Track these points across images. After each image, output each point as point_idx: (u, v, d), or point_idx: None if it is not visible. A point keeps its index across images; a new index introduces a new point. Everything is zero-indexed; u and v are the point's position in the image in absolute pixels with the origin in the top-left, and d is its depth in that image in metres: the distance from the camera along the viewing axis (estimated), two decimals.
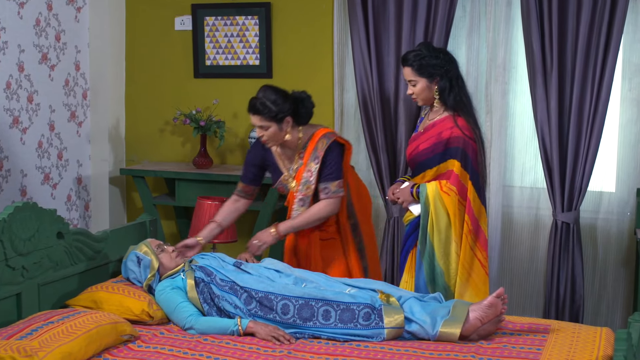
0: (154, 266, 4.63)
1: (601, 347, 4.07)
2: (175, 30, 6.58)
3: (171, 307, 4.43)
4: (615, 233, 5.74)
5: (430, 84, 4.83)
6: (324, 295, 4.29)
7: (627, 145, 5.68)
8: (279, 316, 4.26)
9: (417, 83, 4.84)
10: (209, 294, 4.43)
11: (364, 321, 4.19)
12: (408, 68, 4.85)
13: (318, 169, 4.87)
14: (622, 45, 5.51)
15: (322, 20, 6.20)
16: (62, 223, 4.60)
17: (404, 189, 4.89)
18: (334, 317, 4.22)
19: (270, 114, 4.77)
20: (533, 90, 5.59)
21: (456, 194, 4.73)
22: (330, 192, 4.88)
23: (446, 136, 4.78)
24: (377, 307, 4.21)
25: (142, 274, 4.66)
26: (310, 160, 4.88)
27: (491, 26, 5.74)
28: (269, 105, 4.78)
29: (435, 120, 4.87)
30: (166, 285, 4.53)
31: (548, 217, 5.76)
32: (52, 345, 3.70)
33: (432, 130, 4.85)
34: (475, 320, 4.18)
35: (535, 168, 5.83)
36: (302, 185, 4.90)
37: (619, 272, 5.74)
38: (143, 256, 4.68)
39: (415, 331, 4.19)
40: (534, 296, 5.88)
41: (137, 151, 6.75)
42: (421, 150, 4.86)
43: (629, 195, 5.68)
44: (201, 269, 4.54)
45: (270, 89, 4.88)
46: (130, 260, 4.71)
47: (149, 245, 4.74)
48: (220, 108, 6.41)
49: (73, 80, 6.26)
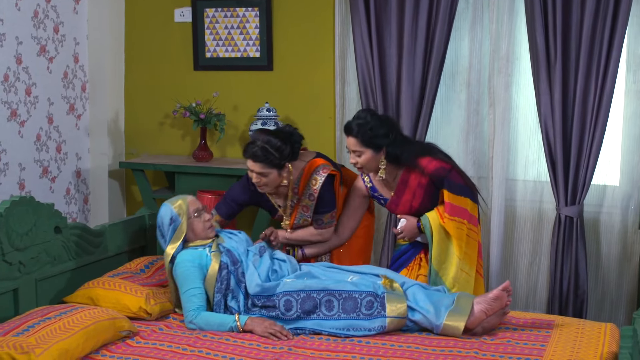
0: (181, 232, 4.51)
1: (606, 343, 4.04)
2: (175, 21, 6.55)
3: (182, 288, 4.36)
4: (619, 227, 5.69)
5: (377, 155, 4.74)
6: (325, 286, 4.27)
7: (631, 138, 5.63)
8: (282, 313, 4.23)
9: (362, 154, 4.73)
10: (226, 285, 4.37)
11: (367, 310, 4.16)
12: (352, 139, 4.72)
13: (314, 206, 4.91)
14: (627, 37, 5.46)
15: (324, 12, 6.17)
16: (60, 217, 4.57)
17: (408, 226, 4.83)
18: (337, 307, 4.20)
19: (273, 161, 4.70)
20: (536, 82, 5.55)
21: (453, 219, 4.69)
22: (322, 223, 4.98)
23: (425, 181, 4.76)
24: (380, 295, 4.19)
25: (167, 234, 4.55)
26: (304, 196, 4.90)
27: (494, 18, 5.69)
28: (272, 153, 4.67)
29: (401, 177, 4.83)
30: (188, 258, 4.43)
31: (551, 210, 5.71)
32: (49, 342, 3.67)
33: (408, 188, 4.82)
34: (480, 312, 4.16)
35: (539, 161, 5.79)
36: (297, 219, 4.95)
37: (622, 266, 5.70)
38: (176, 217, 4.53)
39: (418, 320, 4.18)
40: (537, 291, 5.85)
41: (137, 144, 6.73)
42: (420, 207, 4.83)
43: (632, 188, 5.63)
44: (228, 253, 4.46)
45: (270, 134, 4.78)
46: (163, 216, 4.57)
47: (187, 206, 4.57)
48: (221, 101, 6.38)
49: (72, 72, 6.24)
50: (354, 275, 4.41)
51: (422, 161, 4.74)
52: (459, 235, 4.69)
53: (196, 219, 4.53)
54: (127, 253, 5.18)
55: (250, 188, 4.94)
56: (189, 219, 4.51)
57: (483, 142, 5.82)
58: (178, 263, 4.41)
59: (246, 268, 4.42)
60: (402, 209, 4.86)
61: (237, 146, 6.46)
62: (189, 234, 4.52)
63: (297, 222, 4.95)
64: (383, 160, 4.75)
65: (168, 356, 3.88)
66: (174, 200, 4.58)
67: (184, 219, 4.49)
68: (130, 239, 5.21)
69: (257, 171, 4.69)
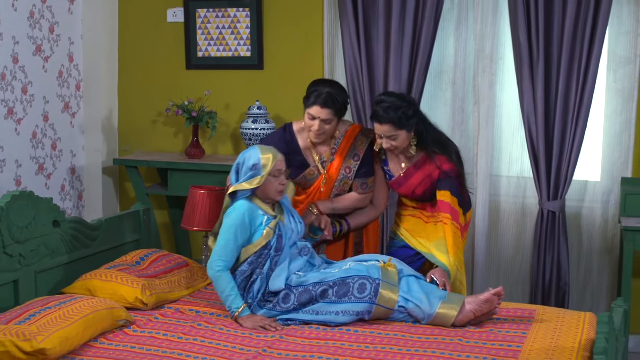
0: (255, 182, 4.46)
1: (585, 331, 4.19)
2: (168, 22, 6.60)
3: (225, 235, 4.39)
4: (600, 221, 5.82)
5: (409, 133, 4.76)
6: (321, 279, 4.38)
7: (611, 135, 5.75)
8: (279, 305, 4.36)
9: (398, 137, 4.73)
10: (258, 264, 4.42)
11: (359, 293, 4.28)
12: (386, 125, 4.70)
13: (357, 167, 4.94)
14: (607, 37, 5.57)
15: (313, 13, 6.24)
16: (58, 211, 4.69)
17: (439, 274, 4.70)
18: (331, 293, 4.31)
19: (338, 109, 4.82)
20: (520, 81, 5.65)
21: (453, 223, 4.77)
22: (367, 187, 4.99)
23: (436, 175, 4.82)
24: (375, 279, 4.29)
25: (242, 175, 4.52)
26: (348, 157, 4.93)
27: (479, 18, 5.80)
28: (338, 100, 4.79)
29: (415, 162, 4.88)
30: (246, 211, 4.42)
31: (534, 205, 5.83)
32: (50, 330, 3.79)
33: (418, 173, 4.88)
34: (469, 312, 4.28)
35: (522, 158, 5.89)
36: (338, 181, 4.95)
37: (603, 259, 5.83)
38: (260, 167, 4.46)
39: (411, 309, 4.29)
40: (520, 283, 5.96)
41: (130, 142, 6.79)
42: (420, 193, 4.90)
43: (613, 184, 5.76)
44: (278, 238, 4.45)
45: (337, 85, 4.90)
46: (248, 158, 4.52)
47: (274, 163, 4.48)
48: (212, 99, 6.45)
49: (66, 71, 6.31)
50: (353, 263, 4.49)
51: (438, 157, 4.81)
52: (455, 240, 4.77)
53: (274, 178, 4.49)
54: (122, 246, 5.28)
55: (286, 138, 4.97)
56: (268, 175, 4.47)
57: (468, 138, 5.93)
58: (236, 208, 4.42)
59: (282, 260, 4.44)
60: (404, 190, 4.93)
61: (228, 143, 6.55)
62: (259, 189, 4.48)
63: (337, 185, 4.94)
64: (414, 137, 4.80)
65: (164, 344, 4.01)
66: (266, 151, 4.51)
67: (265, 173, 4.44)
68: (126, 232, 5.32)
69: (323, 117, 4.76)
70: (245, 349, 3.97)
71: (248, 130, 6.09)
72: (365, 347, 3.97)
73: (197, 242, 6.60)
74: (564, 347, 3.95)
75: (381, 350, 3.93)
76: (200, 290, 4.89)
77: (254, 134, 6.06)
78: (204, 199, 5.49)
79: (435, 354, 3.87)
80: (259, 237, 4.41)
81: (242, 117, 6.34)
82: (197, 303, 4.67)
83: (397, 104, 4.70)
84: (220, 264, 4.34)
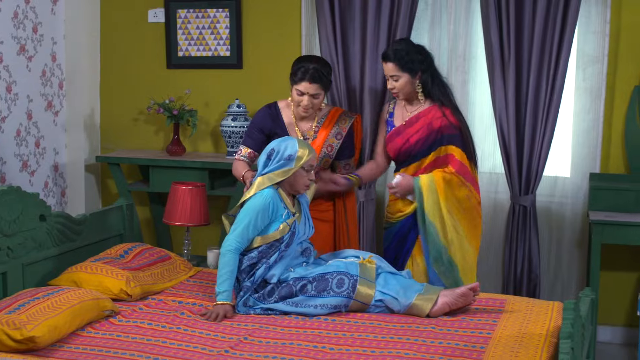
0: (286, 174, 4.56)
1: (553, 318, 4.34)
2: (149, 22, 6.68)
3: (246, 217, 4.49)
4: (570, 215, 5.96)
5: (412, 79, 4.99)
6: (302, 274, 4.53)
7: (581, 133, 5.88)
8: (263, 297, 4.51)
9: (400, 78, 4.97)
10: (266, 254, 4.54)
11: (337, 288, 4.43)
12: (390, 64, 4.96)
13: (339, 147, 5.11)
14: (576, 37, 5.70)
15: (291, 13, 6.34)
16: (45, 206, 4.79)
17: (403, 181, 4.97)
18: (311, 288, 4.46)
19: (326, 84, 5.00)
20: (492, 80, 5.75)
21: (457, 175, 4.94)
22: (350, 168, 5.20)
23: (438, 125, 4.97)
24: (353, 276, 4.44)
25: (274, 162, 4.59)
26: (331, 135, 5.10)
27: (452, 19, 5.92)
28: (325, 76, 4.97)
29: (419, 112, 5.05)
30: (271, 197, 4.52)
31: (506, 200, 5.94)
32: (39, 319, 3.91)
33: (418, 122, 5.03)
34: (444, 304, 4.42)
35: (494, 154, 6.00)
36: (319, 159, 5.07)
37: (572, 252, 5.97)
38: (294, 159, 4.55)
39: (388, 301, 4.44)
40: (493, 275, 6.07)
41: (112, 140, 6.85)
42: (413, 142, 5.03)
43: (582, 179, 5.89)
44: (291, 235, 4.57)
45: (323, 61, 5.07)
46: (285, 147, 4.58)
47: (307, 159, 4.58)
48: (193, 97, 6.53)
49: (50, 70, 6.40)
50: (333, 260, 4.67)
51: (445, 108, 5.00)
52: (461, 197, 4.96)
53: (305, 172, 4.59)
54: (106, 240, 5.38)
55: (272, 113, 5.14)
56: (301, 168, 4.56)
57: None
58: (263, 194, 4.52)
59: (287, 255, 4.58)
60: (399, 140, 5.07)
61: (208, 141, 6.64)
62: (287, 180, 4.58)
63: (318, 164, 5.04)
64: (419, 84, 4.99)
65: (149, 332, 4.15)
66: (304, 146, 4.59)
67: (297, 166, 4.54)
68: (109, 227, 5.43)
69: (312, 92, 4.92)
70: (227, 337, 4.11)
71: (228, 128, 6.21)
72: (342, 335, 4.12)
73: (178, 237, 6.71)
74: (533, 334, 4.11)
75: (357, 338, 4.08)
76: (182, 282, 5.02)
77: (234, 132, 6.18)
78: (185, 195, 5.59)
79: (410, 341, 4.02)
80: (275, 229, 4.53)
81: (222, 115, 6.45)
82: (180, 294, 4.80)
83: (406, 49, 4.96)
84: (234, 245, 4.46)
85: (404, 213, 5.08)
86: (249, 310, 4.49)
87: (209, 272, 5.22)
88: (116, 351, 3.91)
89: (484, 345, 3.97)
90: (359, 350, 3.93)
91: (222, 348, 3.96)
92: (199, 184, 5.69)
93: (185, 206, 5.59)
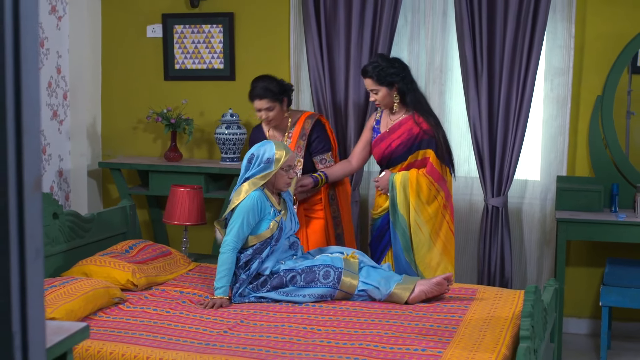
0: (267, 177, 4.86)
1: (519, 304, 4.76)
2: (147, 37, 6.94)
3: (239, 217, 4.83)
4: (539, 216, 6.27)
5: (390, 91, 5.36)
6: (292, 267, 4.93)
7: (549, 139, 6.19)
8: (258, 287, 4.91)
9: (379, 92, 5.35)
10: (259, 250, 4.91)
11: (324, 279, 4.83)
12: (369, 79, 5.35)
13: (305, 145, 5.52)
14: (544, 51, 6.01)
15: (280, 29, 6.60)
16: (57, 205, 5.18)
17: (385, 176, 5.38)
18: (299, 280, 4.87)
19: (275, 95, 5.43)
20: (466, 90, 6.05)
21: (426, 176, 5.28)
22: (327, 162, 5.62)
23: (416, 131, 5.35)
24: (338, 268, 4.84)
25: (254, 167, 4.90)
26: (299, 138, 5.52)
27: (429, 34, 6.22)
28: (272, 90, 5.42)
29: (400, 120, 5.41)
30: (257, 197, 4.85)
31: (480, 202, 6.25)
32: (57, 303, 4.33)
33: (400, 129, 5.39)
34: (420, 292, 4.81)
35: (469, 159, 6.29)
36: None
37: (542, 250, 6.28)
38: (272, 162, 4.86)
39: (370, 290, 4.83)
40: (467, 272, 6.39)
41: (113, 147, 7.08)
42: (395, 147, 5.39)
43: (550, 182, 6.18)
44: (280, 231, 4.91)
45: (268, 78, 5.52)
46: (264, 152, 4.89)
47: (285, 160, 4.88)
48: (189, 107, 6.80)
49: (55, 82, 6.61)
50: (319, 254, 5.06)
51: (418, 117, 5.38)
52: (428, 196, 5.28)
53: (284, 171, 4.94)
54: (112, 237, 5.75)
55: (260, 132, 5.64)
56: (280, 169, 4.90)
57: None
58: (250, 196, 4.85)
59: (277, 249, 4.96)
60: (383, 145, 5.44)
61: (203, 148, 6.91)
62: (269, 181, 4.92)
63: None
64: (396, 95, 5.38)
65: (154, 316, 4.58)
66: (280, 147, 4.92)
67: (276, 168, 4.88)
68: (115, 225, 5.82)
69: (264, 107, 5.44)
70: (225, 321, 4.54)
71: (222, 136, 6.51)
72: (328, 318, 4.55)
73: (175, 238, 7.01)
74: (500, 317, 4.54)
75: (342, 321, 4.51)
76: (182, 275, 5.41)
77: (228, 139, 6.49)
78: (184, 196, 5.89)
79: (389, 323, 4.45)
80: (266, 227, 4.90)
81: (216, 123, 6.70)
82: (181, 285, 5.20)
83: (381, 64, 5.32)
84: (232, 244, 4.85)
85: (383, 208, 5.46)
86: (244, 299, 4.90)
87: (207, 267, 5.62)
88: (127, 332, 4.33)
89: (456, 327, 4.38)
90: (344, 330, 4.34)
91: (221, 329, 4.38)
92: (197, 187, 5.99)
93: (183, 207, 5.89)
